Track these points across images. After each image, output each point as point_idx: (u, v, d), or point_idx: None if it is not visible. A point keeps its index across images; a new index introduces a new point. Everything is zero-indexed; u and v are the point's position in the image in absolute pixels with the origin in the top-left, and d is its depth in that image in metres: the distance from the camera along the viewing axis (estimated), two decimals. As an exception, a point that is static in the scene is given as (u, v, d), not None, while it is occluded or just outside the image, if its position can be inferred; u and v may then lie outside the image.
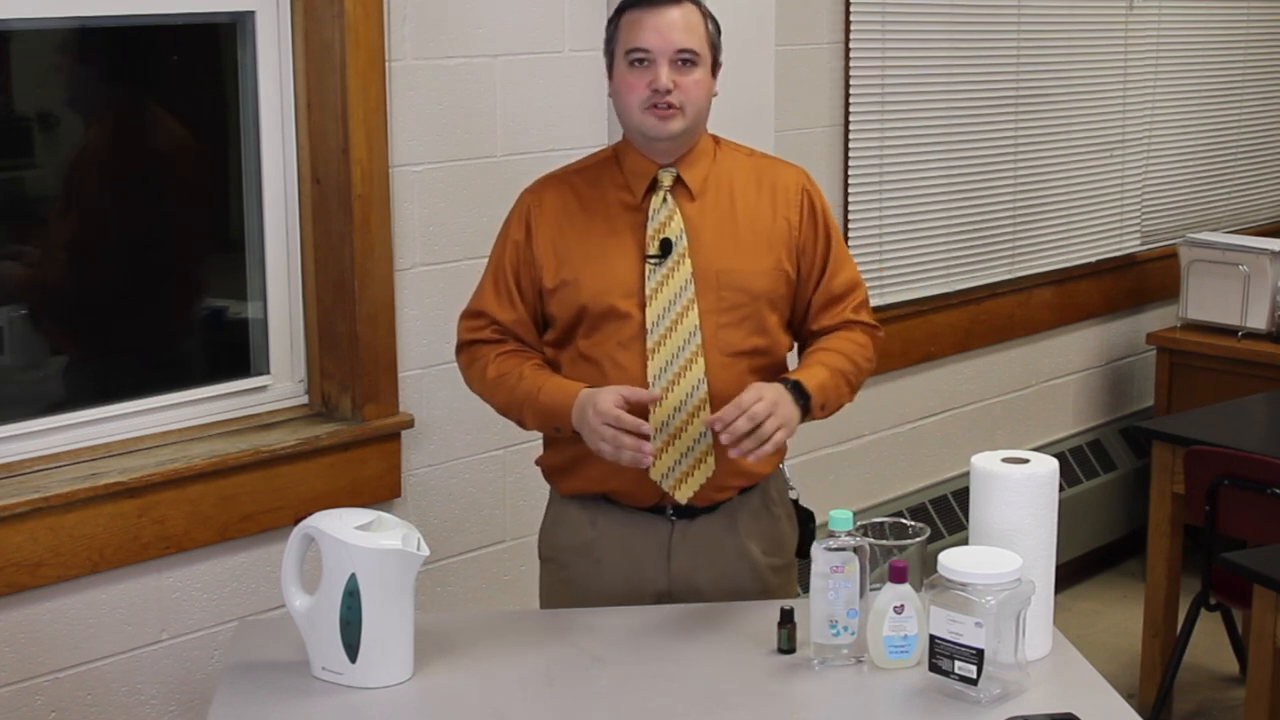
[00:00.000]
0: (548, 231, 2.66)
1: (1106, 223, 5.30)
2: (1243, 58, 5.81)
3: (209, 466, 3.09)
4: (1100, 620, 4.90)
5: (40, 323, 3.21)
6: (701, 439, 2.61)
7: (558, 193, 2.70)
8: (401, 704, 2.30)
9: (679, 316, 2.60)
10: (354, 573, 2.29)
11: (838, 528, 2.37)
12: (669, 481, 2.62)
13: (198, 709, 3.10)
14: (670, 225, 2.62)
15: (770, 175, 2.71)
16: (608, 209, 2.66)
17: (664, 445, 2.60)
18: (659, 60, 2.56)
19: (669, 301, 2.60)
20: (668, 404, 2.59)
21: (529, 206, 2.70)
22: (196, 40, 3.30)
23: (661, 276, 2.60)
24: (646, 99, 2.57)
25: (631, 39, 2.58)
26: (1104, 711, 2.27)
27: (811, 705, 2.32)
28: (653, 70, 2.56)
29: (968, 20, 4.65)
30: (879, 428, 4.62)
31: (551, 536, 2.79)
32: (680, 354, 2.60)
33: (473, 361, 2.73)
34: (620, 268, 2.62)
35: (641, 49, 2.56)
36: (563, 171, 2.76)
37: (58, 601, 2.95)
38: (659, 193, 2.64)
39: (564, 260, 2.64)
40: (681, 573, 2.68)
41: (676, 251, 2.61)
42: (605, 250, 2.63)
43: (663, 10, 2.57)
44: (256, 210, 3.29)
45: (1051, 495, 2.43)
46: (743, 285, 2.63)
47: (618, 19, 2.62)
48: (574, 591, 2.72)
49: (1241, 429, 4.15)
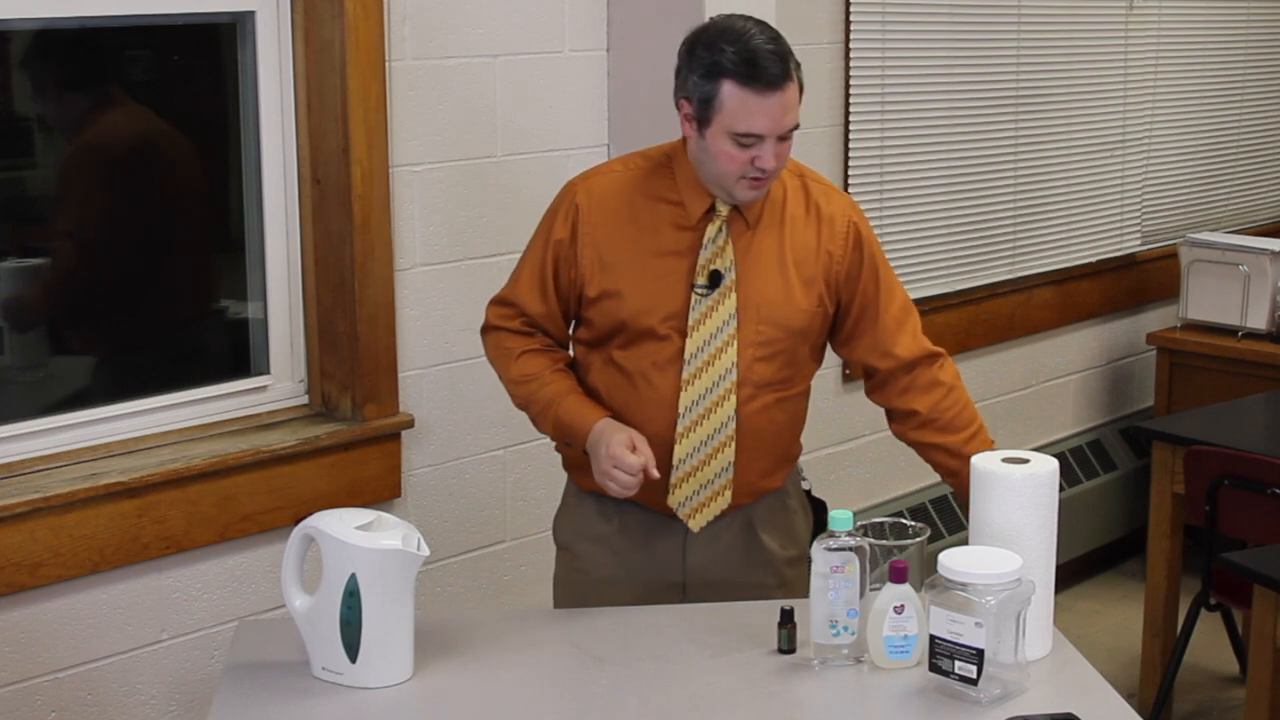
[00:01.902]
0: (593, 237, 2.61)
1: (1106, 223, 5.30)
2: (1243, 58, 5.81)
3: (209, 466, 3.09)
4: (1100, 620, 4.90)
5: (40, 323, 3.21)
6: (723, 474, 2.62)
7: (608, 196, 2.63)
8: (401, 704, 2.30)
9: (719, 350, 2.58)
10: (354, 573, 2.29)
11: (838, 528, 2.37)
12: (684, 510, 2.64)
13: (198, 709, 3.10)
14: (722, 256, 2.58)
15: (820, 203, 2.66)
16: (658, 224, 2.60)
17: (684, 476, 2.61)
18: (768, 140, 2.48)
19: (711, 334, 2.58)
20: (695, 437, 2.60)
21: (577, 207, 2.63)
22: (196, 40, 3.30)
23: (706, 307, 2.58)
24: (747, 172, 2.50)
25: (742, 121, 2.46)
26: (1104, 711, 2.27)
27: (811, 705, 2.32)
28: (758, 149, 2.48)
29: (968, 20, 4.65)
30: (879, 428, 4.58)
31: (568, 523, 2.80)
32: (715, 389, 2.59)
33: (498, 349, 2.71)
34: (665, 290, 2.59)
35: (755, 135, 2.47)
36: (616, 172, 2.67)
37: (58, 601, 2.95)
38: (716, 221, 2.59)
39: (608, 270, 2.60)
40: (698, 567, 2.69)
41: (724, 284, 2.58)
42: (652, 269, 2.59)
43: (778, 95, 2.46)
44: (256, 210, 3.29)
45: (1051, 495, 2.43)
46: (782, 321, 2.61)
47: (717, 82, 2.47)
48: (589, 581, 2.73)
49: (1241, 429, 4.15)
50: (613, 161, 2.72)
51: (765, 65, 2.45)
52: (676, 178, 2.61)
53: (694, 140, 2.55)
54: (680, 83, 2.54)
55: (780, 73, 2.46)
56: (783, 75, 2.46)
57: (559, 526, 2.83)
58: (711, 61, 2.47)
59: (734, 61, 2.45)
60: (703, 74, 2.49)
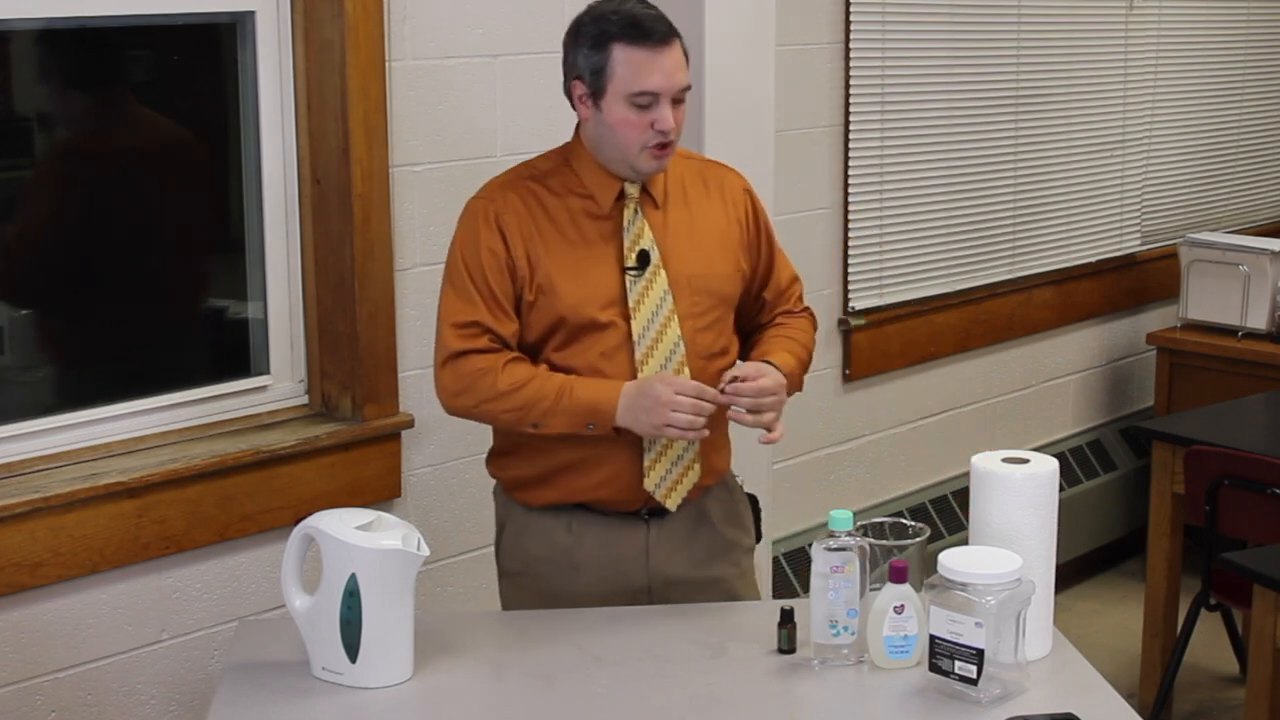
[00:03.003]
0: (521, 240, 2.59)
1: (1106, 223, 5.30)
2: (1243, 58, 5.81)
3: (209, 466, 3.09)
4: (1100, 620, 4.91)
5: (40, 323, 3.21)
6: (690, 447, 2.63)
7: (519, 199, 2.62)
8: (401, 704, 2.30)
9: (663, 326, 2.60)
10: (354, 573, 2.29)
11: (838, 528, 2.37)
12: (660, 491, 2.64)
13: (198, 709, 3.10)
14: (644, 236, 2.62)
15: (715, 178, 2.73)
16: (574, 218, 2.62)
17: (657, 456, 2.62)
18: (663, 101, 2.51)
19: (652, 311, 2.60)
20: None
21: (497, 213, 2.60)
22: (196, 40, 3.30)
23: (642, 288, 2.60)
24: (648, 139, 2.53)
25: (637, 80, 2.50)
26: (1104, 711, 2.27)
27: (811, 705, 2.32)
28: (655, 111, 2.51)
29: (968, 20, 4.65)
30: (879, 428, 4.62)
31: (518, 549, 2.73)
32: (668, 363, 2.60)
33: (471, 373, 2.57)
34: (597, 278, 2.60)
35: (650, 92, 2.50)
36: (513, 177, 2.67)
37: (58, 601, 2.95)
38: (629, 205, 2.62)
39: (538, 271, 2.59)
40: (660, 568, 2.68)
41: (653, 262, 2.61)
42: (579, 261, 2.60)
43: (666, 50, 2.52)
44: (256, 210, 3.29)
45: (1051, 495, 2.43)
46: (713, 289, 2.66)
47: (607, 48, 2.51)
48: (548, 600, 2.68)
49: (1241, 429, 4.15)
50: (502, 174, 2.70)
51: (650, 25, 2.52)
52: (579, 173, 2.63)
53: (591, 120, 2.58)
54: (569, 66, 2.59)
55: (666, 30, 2.53)
56: (668, 33, 2.53)
57: (506, 554, 2.76)
58: (599, 31, 2.53)
59: (620, 25, 2.51)
60: (591, 45, 2.54)
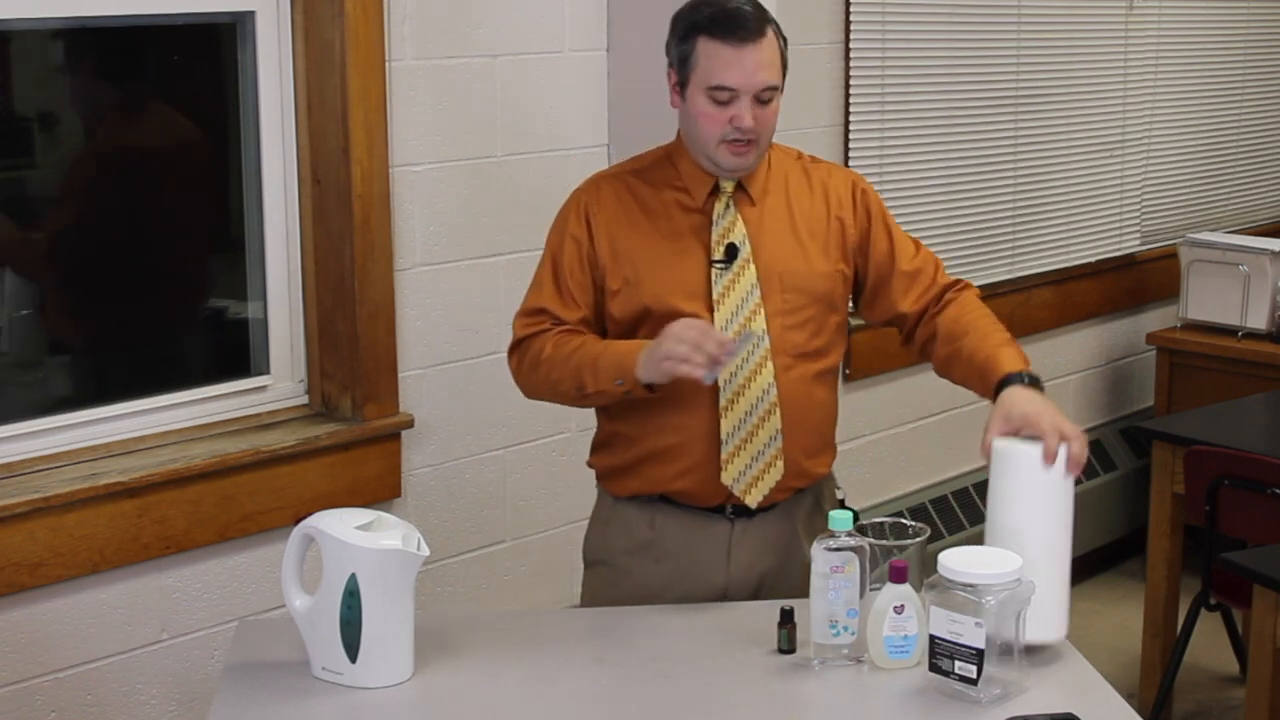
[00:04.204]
0: (608, 230, 2.63)
1: (1106, 223, 5.29)
2: (1243, 58, 5.81)
3: (209, 466, 3.09)
4: (1100, 620, 4.90)
5: (40, 323, 3.21)
6: (772, 443, 2.61)
7: (614, 191, 2.66)
8: (401, 704, 2.30)
9: (748, 319, 2.59)
10: (354, 573, 2.29)
11: (838, 528, 2.37)
12: (740, 485, 2.62)
13: (198, 709, 3.10)
14: (734, 230, 2.61)
15: (821, 178, 2.71)
16: (667, 210, 2.63)
17: (736, 449, 2.60)
18: (742, 98, 2.51)
19: (737, 305, 2.59)
20: (739, 408, 2.59)
21: (587, 204, 2.65)
22: (196, 40, 3.30)
23: (728, 281, 2.60)
24: (726, 133, 2.54)
25: (715, 74, 2.52)
26: (1104, 711, 2.27)
27: (811, 705, 2.32)
28: (735, 107, 2.52)
29: (968, 20, 4.65)
30: (879, 428, 4.62)
31: (602, 539, 2.76)
32: (751, 357, 2.59)
33: (534, 358, 2.62)
34: (684, 269, 2.60)
35: (727, 88, 2.51)
36: (616, 170, 2.73)
37: (58, 601, 2.95)
38: (722, 199, 2.62)
39: (624, 261, 2.61)
40: (740, 570, 2.68)
41: (741, 256, 2.60)
42: (667, 252, 2.61)
43: (750, 48, 2.51)
44: (256, 210, 3.29)
45: (1065, 472, 2.44)
46: (805, 287, 2.63)
47: (693, 39, 2.54)
48: (628, 593, 2.69)
49: (1241, 429, 4.15)
50: (608, 168, 2.76)
51: (737, 19, 2.51)
52: (678, 167, 2.65)
53: (681, 110, 2.60)
54: (668, 55, 2.61)
55: (753, 27, 2.51)
56: (755, 30, 2.51)
57: (592, 543, 2.79)
58: (689, 22, 2.55)
59: (708, 17, 2.53)
60: (681, 35, 2.56)
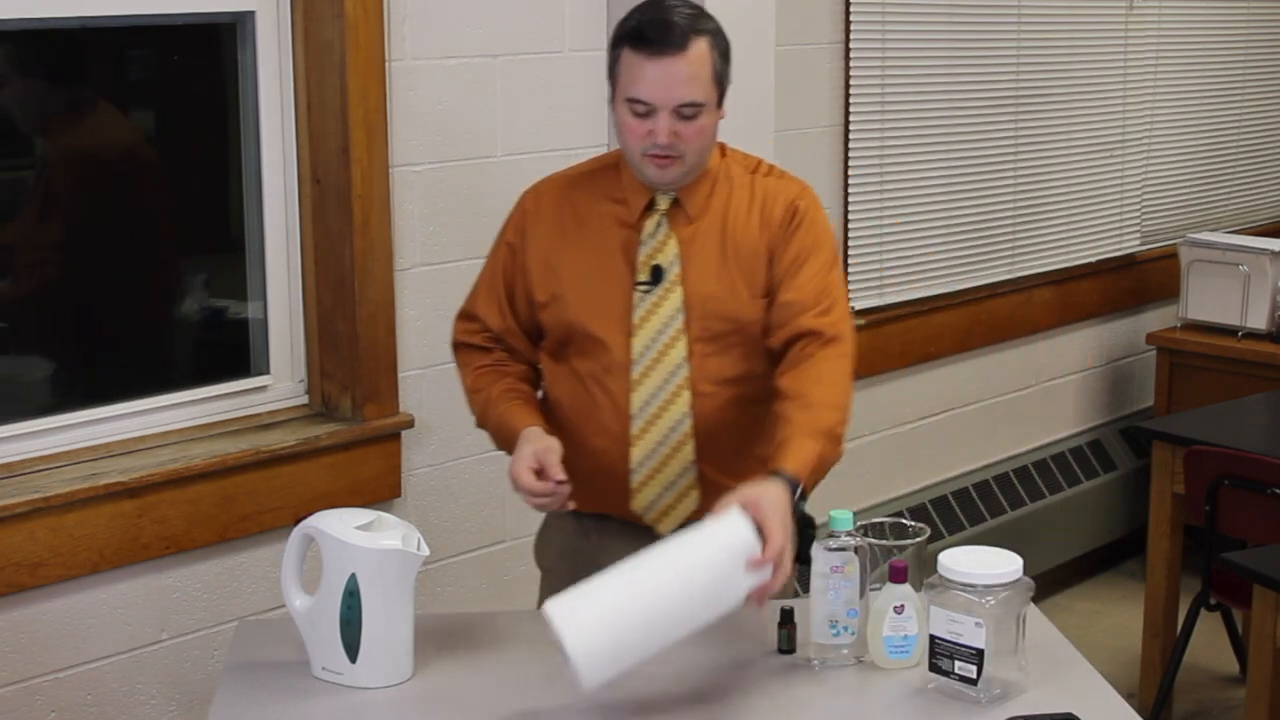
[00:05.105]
0: (540, 240, 2.57)
1: (1106, 223, 5.29)
2: (1243, 58, 5.81)
3: (209, 466, 3.09)
4: (1100, 620, 4.91)
5: (40, 323, 3.21)
6: (686, 474, 2.55)
7: (555, 199, 2.60)
8: (401, 704, 2.30)
9: (665, 348, 2.51)
10: (354, 573, 2.29)
11: (838, 528, 2.36)
12: (650, 514, 2.58)
13: (198, 709, 3.10)
14: (664, 251, 2.52)
15: (764, 192, 2.55)
16: (602, 222, 2.55)
17: (646, 479, 2.56)
18: (660, 112, 2.40)
19: (656, 332, 2.51)
20: (650, 438, 2.53)
21: (526, 213, 2.61)
22: (196, 40, 3.30)
23: (650, 305, 2.51)
24: (646, 146, 2.43)
25: (630, 86, 2.41)
26: (1104, 711, 2.27)
27: (811, 705, 2.32)
28: (652, 121, 2.41)
29: (968, 20, 4.65)
30: (879, 428, 4.62)
31: (545, 546, 2.78)
32: (665, 387, 2.52)
33: (464, 365, 2.70)
34: (608, 290, 2.53)
35: (643, 101, 2.40)
36: (567, 174, 2.65)
37: (58, 601, 2.95)
38: (654, 215, 2.53)
39: (553, 274, 2.56)
40: None
41: (668, 279, 2.51)
42: (594, 269, 2.54)
43: (668, 61, 2.38)
44: (256, 210, 3.29)
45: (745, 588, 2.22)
46: (729, 314, 2.52)
47: (619, 49, 2.44)
48: None
49: (1241, 429, 4.15)
50: (567, 168, 2.67)
51: (658, 30, 2.38)
52: (621, 176, 2.55)
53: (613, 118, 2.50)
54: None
55: (673, 41, 2.37)
56: (677, 43, 2.37)
57: (540, 550, 2.80)
58: (618, 31, 2.45)
59: (633, 26, 2.42)
60: (612, 43, 2.47)
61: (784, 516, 2.24)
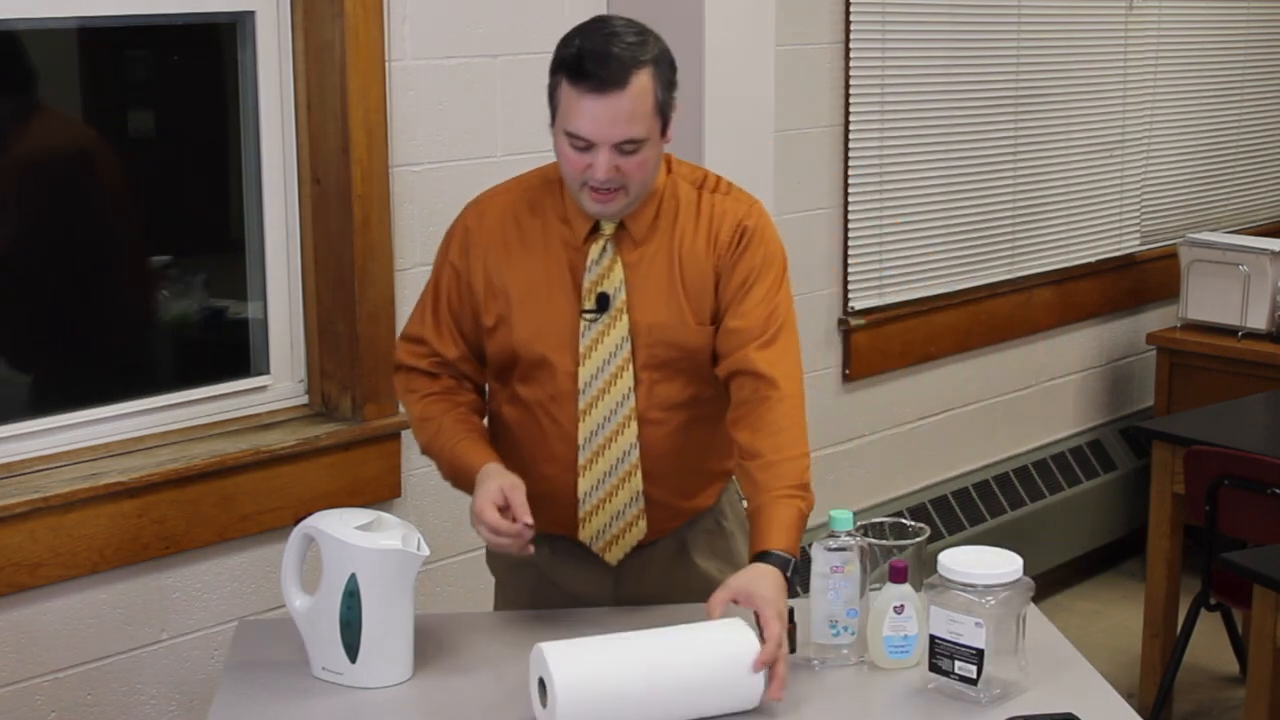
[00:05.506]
0: (484, 261, 2.47)
1: (1106, 223, 5.30)
2: (1243, 58, 5.81)
3: (209, 466, 3.09)
4: (1100, 620, 4.91)
5: (40, 322, 3.21)
6: (633, 504, 2.50)
7: (499, 218, 2.48)
8: (401, 704, 2.30)
9: (613, 377, 2.44)
10: (354, 573, 2.29)
11: (838, 528, 2.37)
12: (598, 544, 2.54)
13: (198, 709, 3.10)
14: (610, 277, 2.42)
15: (712, 212, 2.45)
16: (548, 243, 2.45)
17: (593, 510, 2.51)
18: (599, 148, 2.29)
19: (603, 361, 2.44)
20: (597, 469, 2.48)
21: (469, 228, 2.50)
22: (196, 40, 3.30)
23: (597, 333, 2.43)
24: (586, 178, 2.33)
25: (569, 120, 2.29)
26: (1104, 711, 2.27)
27: (811, 705, 2.32)
28: (591, 155, 2.30)
29: (968, 20, 4.65)
30: (879, 428, 4.62)
31: (497, 558, 2.69)
32: (613, 417, 2.45)
33: (407, 390, 2.58)
34: (554, 315, 2.44)
35: (581, 137, 2.29)
36: (509, 187, 2.53)
37: (58, 601, 2.95)
38: (600, 241, 2.43)
39: (499, 297, 2.46)
40: (629, 596, 2.61)
41: (614, 306, 2.42)
42: (540, 293, 2.44)
43: (608, 98, 2.26)
44: (256, 210, 3.29)
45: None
46: (677, 341, 2.45)
47: (558, 76, 2.31)
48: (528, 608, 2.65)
49: (1241, 429, 4.15)
50: (504, 183, 2.55)
51: (598, 65, 2.26)
52: (565, 195, 2.44)
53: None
54: None
55: (613, 77, 2.25)
56: (617, 80, 2.26)
57: (493, 559, 2.72)
58: (558, 56, 2.32)
59: (573, 55, 2.29)
60: (551, 68, 2.34)
61: (778, 604, 2.24)
